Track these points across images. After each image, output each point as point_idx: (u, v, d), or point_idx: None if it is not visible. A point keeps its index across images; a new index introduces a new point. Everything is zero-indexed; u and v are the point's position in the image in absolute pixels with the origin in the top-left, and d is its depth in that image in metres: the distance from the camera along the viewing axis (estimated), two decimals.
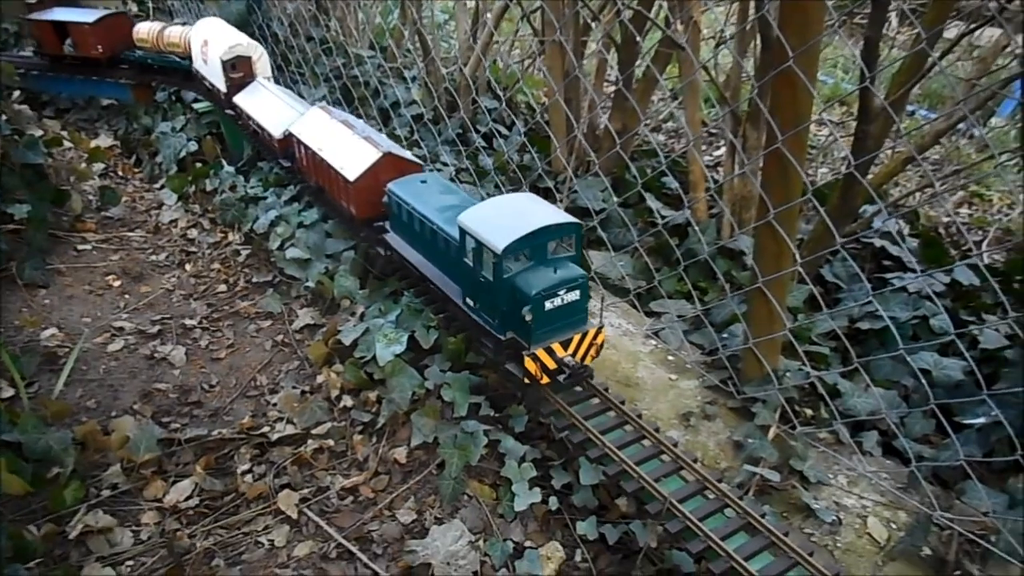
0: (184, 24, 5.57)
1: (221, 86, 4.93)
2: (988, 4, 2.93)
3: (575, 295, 2.59)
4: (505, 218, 2.62)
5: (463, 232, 2.70)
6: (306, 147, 3.96)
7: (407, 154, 3.62)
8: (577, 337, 2.63)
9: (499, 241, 2.50)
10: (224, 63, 4.80)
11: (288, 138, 4.23)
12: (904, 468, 2.74)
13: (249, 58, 4.91)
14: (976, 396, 2.44)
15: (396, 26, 6.28)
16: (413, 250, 3.35)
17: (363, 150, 3.61)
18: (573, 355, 2.64)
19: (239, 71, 4.90)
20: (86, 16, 5.83)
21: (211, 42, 4.99)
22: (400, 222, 3.39)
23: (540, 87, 6.78)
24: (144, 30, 5.71)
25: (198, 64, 5.28)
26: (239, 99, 4.83)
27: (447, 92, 5.43)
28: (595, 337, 2.68)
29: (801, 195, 2.54)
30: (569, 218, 2.63)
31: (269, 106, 4.59)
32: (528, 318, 2.50)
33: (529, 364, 2.56)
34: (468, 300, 2.87)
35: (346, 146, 3.72)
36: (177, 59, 5.57)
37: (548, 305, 2.54)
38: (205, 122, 5.67)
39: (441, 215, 3.05)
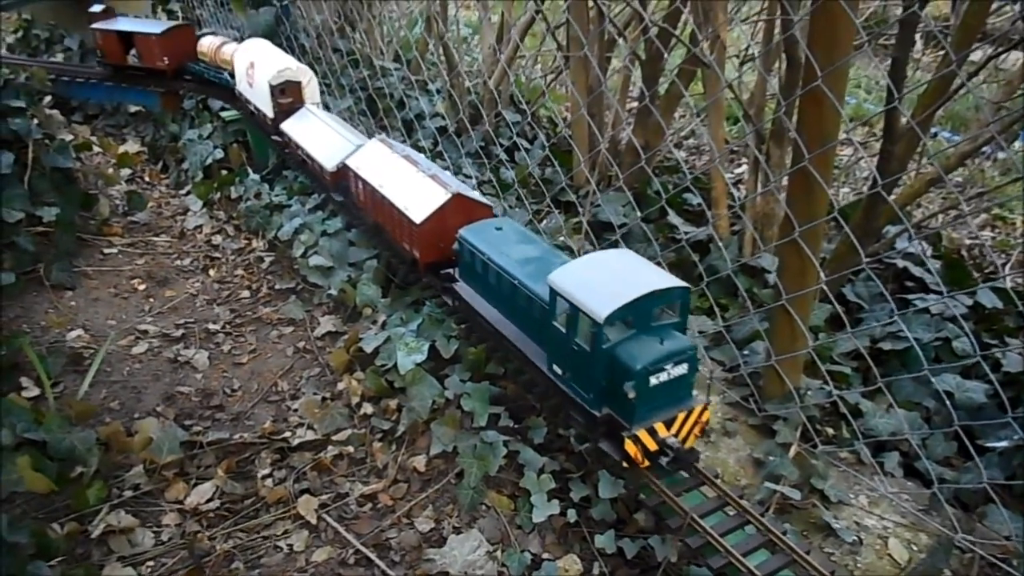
0: (236, 42, 5.49)
1: (268, 111, 4.75)
2: (1016, 27, 2.94)
3: (683, 369, 2.30)
4: (604, 280, 2.34)
5: (554, 293, 2.39)
6: (365, 183, 3.68)
7: (476, 195, 3.35)
8: (681, 415, 2.34)
9: (600, 308, 2.19)
10: (272, 88, 4.60)
11: (343, 171, 3.96)
12: (925, 490, 2.72)
13: (298, 83, 4.71)
14: (999, 419, 2.42)
15: (421, 39, 6.35)
16: (487, 304, 3.00)
17: (430, 190, 3.32)
18: (676, 435, 2.34)
19: (288, 96, 4.69)
20: (152, 27, 5.79)
21: (258, 65, 4.82)
22: (472, 272, 3.05)
23: (563, 102, 6.82)
24: (206, 44, 5.65)
25: (242, 87, 5.12)
26: (287, 126, 4.60)
27: (471, 105, 5.47)
28: (700, 415, 2.39)
29: (826, 214, 2.55)
30: (676, 281, 2.32)
31: (320, 135, 4.35)
32: (631, 395, 2.22)
33: (630, 447, 2.27)
34: (556, 368, 2.55)
35: (410, 185, 3.43)
36: (229, 77, 5.45)
37: (653, 381, 2.24)
38: (231, 130, 5.74)
39: (522, 269, 2.75)
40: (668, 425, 2.32)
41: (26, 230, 4.29)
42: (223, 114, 5.73)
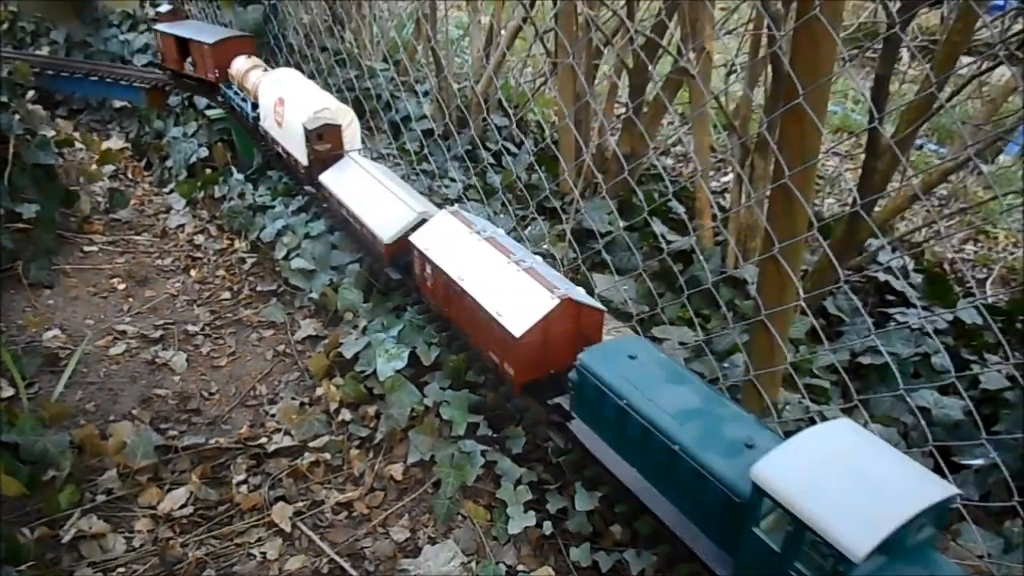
0: (263, 70, 4.98)
1: (301, 157, 4.17)
2: (998, 45, 2.95)
3: None
4: (841, 484, 1.67)
5: (762, 492, 1.74)
6: (438, 269, 3.02)
7: (587, 297, 2.71)
8: None
9: (854, 540, 1.55)
10: (308, 132, 4.01)
11: (404, 245, 3.34)
12: None
13: (338, 127, 4.09)
14: (975, 438, 2.43)
15: (410, 41, 6.32)
16: (618, 456, 2.31)
17: (529, 291, 2.66)
18: None
19: (326, 142, 4.08)
20: (207, 35, 5.32)
21: (289, 102, 4.26)
22: (598, 414, 2.34)
23: (551, 107, 6.81)
24: (237, 65, 5.12)
25: (268, 124, 4.57)
26: (328, 179, 4.00)
27: (458, 109, 5.46)
28: None
29: (807, 230, 2.55)
30: (943, 486, 1.66)
31: (371, 195, 3.73)
32: None
33: None
34: None
35: (502, 281, 2.76)
36: (251, 108, 4.95)
37: None
38: (217, 128, 5.70)
39: (684, 429, 2.04)
40: None
41: (5, 227, 4.25)
42: (208, 112, 5.70)
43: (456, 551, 2.69)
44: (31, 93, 6.24)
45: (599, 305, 2.68)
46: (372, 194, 3.72)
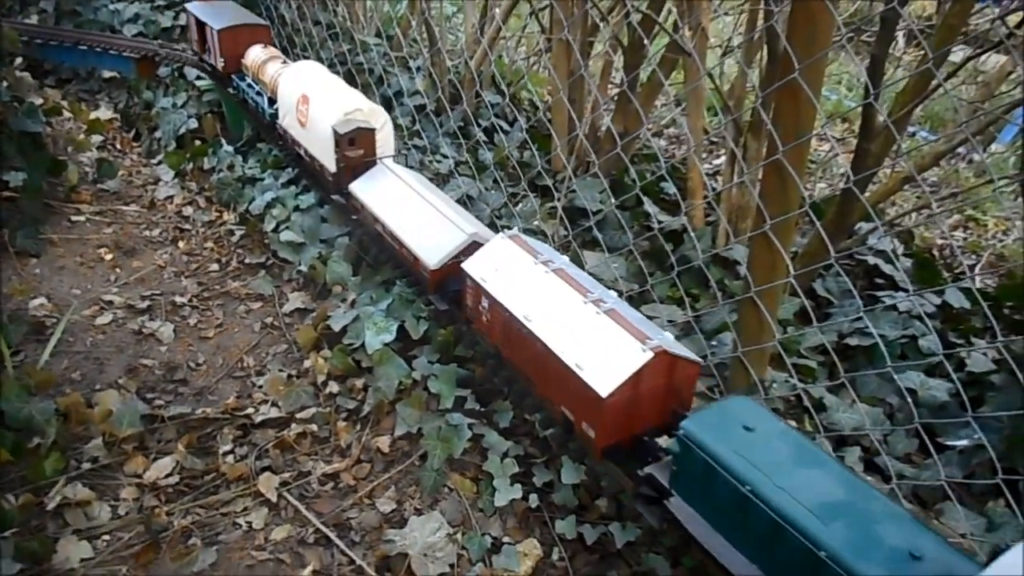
0: (283, 62, 4.53)
1: (328, 163, 3.75)
2: (996, 29, 2.94)
3: None
4: None
5: None
6: (498, 304, 2.59)
7: (680, 346, 2.33)
8: None
9: None
10: (339, 137, 3.58)
11: (452, 271, 2.98)
12: (884, 485, 2.75)
13: (372, 131, 3.67)
14: (960, 417, 2.45)
15: (404, 15, 6.26)
16: (733, 549, 1.89)
17: (616, 341, 2.23)
18: None
19: (358, 147, 3.66)
20: (216, 18, 4.88)
21: (315, 100, 3.85)
22: (704, 493, 1.94)
23: (545, 85, 6.78)
24: (252, 55, 4.68)
25: (287, 122, 4.15)
26: (359, 189, 3.60)
27: (451, 84, 5.42)
28: None
29: (798, 207, 2.55)
30: None
31: (410, 210, 3.34)
32: None
33: None
34: None
35: (581, 325, 2.33)
36: (267, 103, 4.52)
37: None
38: (206, 100, 5.64)
39: (829, 528, 1.64)
40: None
41: None
42: (198, 83, 5.63)
43: (442, 522, 2.69)
44: (19, 60, 6.14)
45: (694, 357, 2.30)
46: (413, 209, 3.34)
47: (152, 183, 5.29)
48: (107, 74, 6.68)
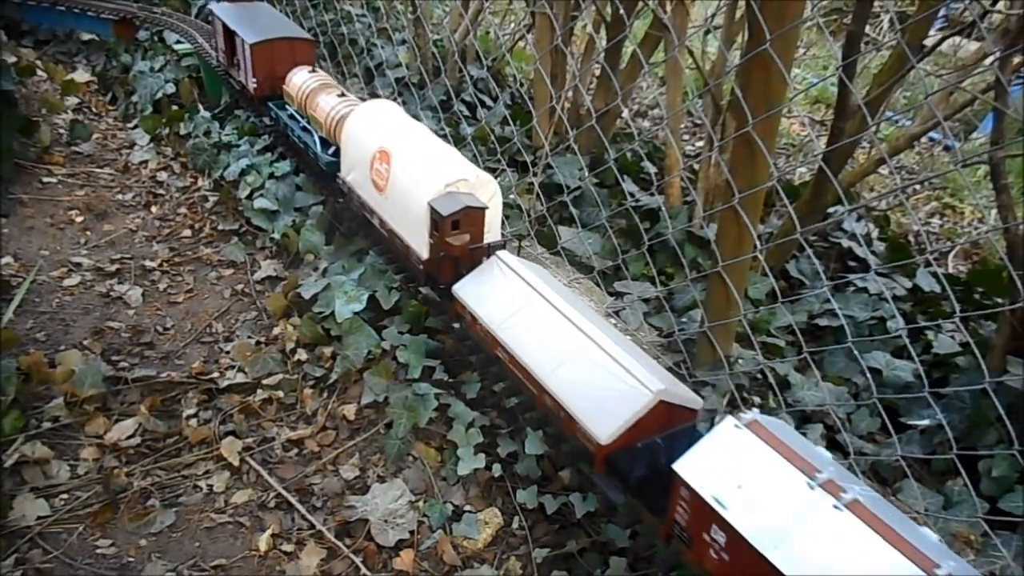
0: (340, 94, 3.74)
1: (418, 247, 2.90)
2: (968, 10, 2.94)
3: None
4: None
5: None
6: (738, 538, 1.64)
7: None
8: None
9: None
10: (441, 219, 2.67)
11: (629, 441, 2.12)
12: (844, 461, 2.77)
13: (483, 211, 2.78)
14: (921, 396, 2.47)
15: None
16: None
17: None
18: None
19: (463, 232, 2.75)
20: (251, 29, 4.18)
21: (400, 161, 2.99)
22: None
23: (528, 61, 6.73)
24: (297, 81, 3.94)
25: (355, 179, 3.31)
26: (467, 294, 2.71)
27: (434, 57, 5.37)
28: None
29: (767, 181, 2.54)
30: None
31: (554, 341, 2.39)
32: None
33: None
34: None
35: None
36: (319, 140, 3.76)
37: None
38: (185, 64, 5.56)
39: None
40: None
41: None
42: (177, 47, 5.54)
43: (404, 490, 2.69)
44: None
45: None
46: (557, 339, 2.39)
47: (127, 147, 5.22)
48: (86, 37, 6.56)
